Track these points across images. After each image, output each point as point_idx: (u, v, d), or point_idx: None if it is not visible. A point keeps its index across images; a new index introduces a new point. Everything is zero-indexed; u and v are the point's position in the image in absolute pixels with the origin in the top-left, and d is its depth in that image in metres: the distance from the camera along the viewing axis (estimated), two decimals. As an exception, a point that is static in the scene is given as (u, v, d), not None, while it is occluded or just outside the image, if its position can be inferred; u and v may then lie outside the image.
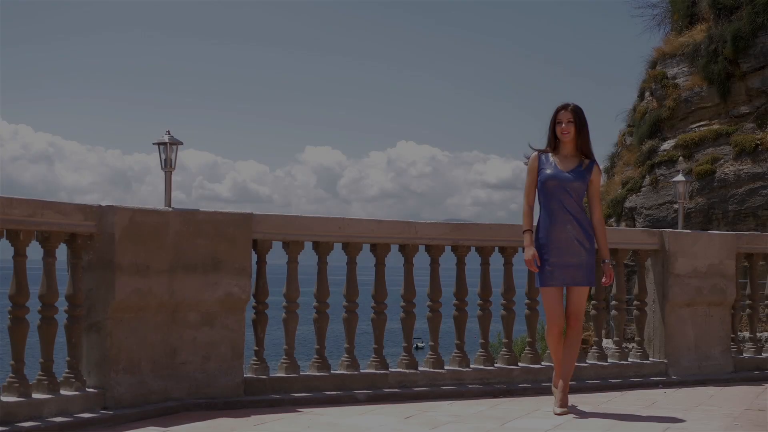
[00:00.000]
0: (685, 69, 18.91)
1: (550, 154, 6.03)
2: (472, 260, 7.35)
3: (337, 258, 6.93)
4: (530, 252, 6.00)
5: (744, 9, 17.56)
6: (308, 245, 6.74)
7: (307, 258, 6.83)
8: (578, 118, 5.97)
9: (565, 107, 5.99)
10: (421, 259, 7.20)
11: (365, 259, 7.06)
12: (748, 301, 8.65)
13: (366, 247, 6.96)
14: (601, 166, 23.71)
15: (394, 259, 7.15)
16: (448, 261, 7.30)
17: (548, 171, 5.97)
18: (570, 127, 5.95)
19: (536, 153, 6.06)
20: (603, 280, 6.14)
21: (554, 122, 6.00)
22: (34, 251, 5.50)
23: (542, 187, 5.98)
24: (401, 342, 7.16)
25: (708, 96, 18.20)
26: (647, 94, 19.99)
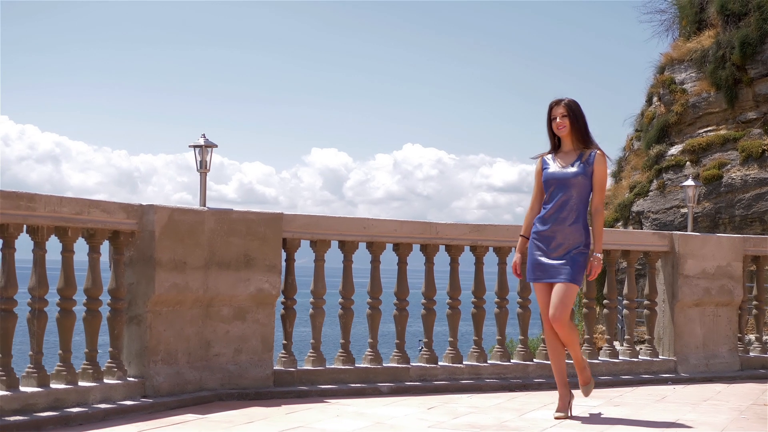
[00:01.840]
0: (692, 74, 19.15)
1: (551, 155, 6.00)
2: (488, 261, 7.66)
3: (359, 259, 7.23)
4: (516, 257, 6.11)
5: (752, 15, 17.80)
6: (334, 244, 7.05)
7: (331, 260, 7.13)
8: (571, 111, 5.88)
9: (557, 103, 5.92)
10: (439, 260, 7.50)
11: (385, 261, 7.35)
12: (754, 303, 8.95)
13: (387, 247, 7.27)
14: (609, 170, 23.76)
15: (410, 260, 7.42)
16: (464, 262, 7.60)
17: (549, 170, 5.94)
18: (565, 121, 5.87)
19: (540, 157, 6.06)
20: (587, 273, 5.87)
21: (550, 119, 5.95)
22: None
23: (545, 186, 5.96)
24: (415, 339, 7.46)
25: (715, 101, 18.44)
26: (655, 99, 20.23)
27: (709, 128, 18.64)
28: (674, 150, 18.89)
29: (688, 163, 18.38)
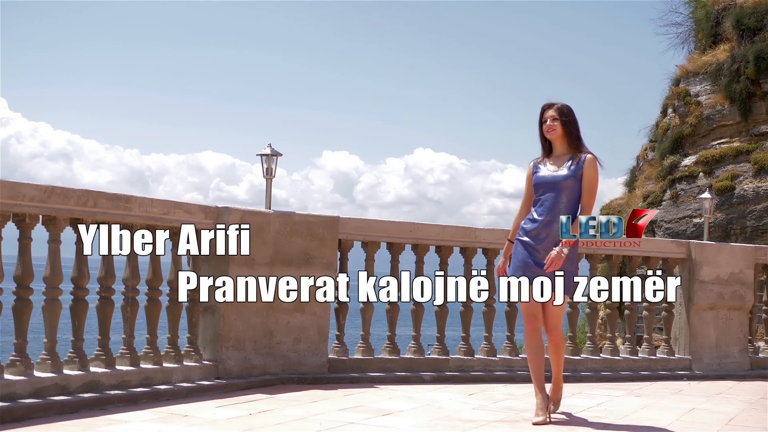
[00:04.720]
0: (707, 87, 19.70)
1: (544, 160, 5.86)
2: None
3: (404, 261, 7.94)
4: (500, 261, 5.98)
5: (767, 30, 18.40)
6: (383, 245, 7.75)
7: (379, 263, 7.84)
8: (563, 114, 5.77)
9: (549, 106, 5.82)
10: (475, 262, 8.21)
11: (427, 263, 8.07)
12: (764, 308, 9.64)
13: (430, 249, 7.97)
14: (621, 179, 23.97)
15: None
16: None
17: (540, 174, 5.81)
18: (555, 124, 5.75)
19: (531, 162, 5.92)
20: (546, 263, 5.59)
21: (541, 122, 5.86)
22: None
23: (535, 189, 5.82)
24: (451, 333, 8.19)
25: (729, 114, 18.99)
26: (670, 110, 20.80)
27: (722, 140, 19.20)
28: (688, 161, 19.46)
29: (701, 174, 18.96)
